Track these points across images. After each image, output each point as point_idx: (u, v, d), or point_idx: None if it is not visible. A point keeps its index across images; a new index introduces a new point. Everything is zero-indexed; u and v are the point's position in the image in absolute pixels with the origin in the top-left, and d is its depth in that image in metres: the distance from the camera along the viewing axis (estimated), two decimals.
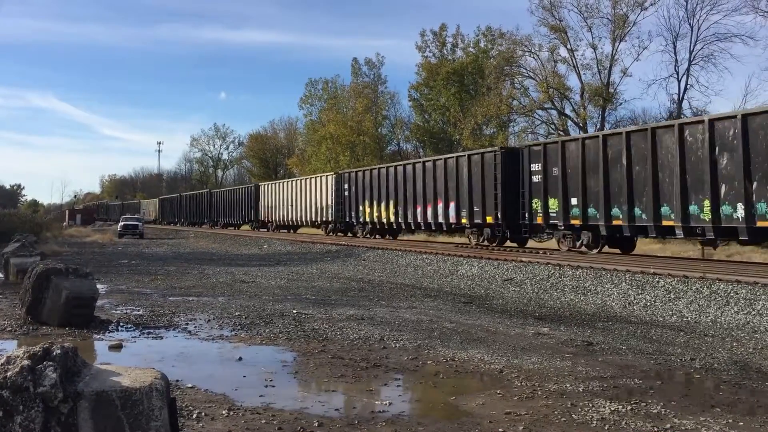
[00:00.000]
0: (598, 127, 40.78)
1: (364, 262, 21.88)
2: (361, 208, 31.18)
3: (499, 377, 6.85)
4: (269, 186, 44.17)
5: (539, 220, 20.44)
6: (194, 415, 5.32)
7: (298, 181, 39.12)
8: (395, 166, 28.64)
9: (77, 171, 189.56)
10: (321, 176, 36.49)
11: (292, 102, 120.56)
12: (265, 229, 43.75)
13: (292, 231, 41.18)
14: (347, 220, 32.75)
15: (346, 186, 32.63)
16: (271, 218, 42.60)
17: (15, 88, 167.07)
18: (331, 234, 34.53)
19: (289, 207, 39.43)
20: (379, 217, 29.38)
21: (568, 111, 44.43)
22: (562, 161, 19.21)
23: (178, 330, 9.45)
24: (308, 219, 37.09)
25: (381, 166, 30.92)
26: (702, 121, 15.61)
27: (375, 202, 29.80)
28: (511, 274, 16.63)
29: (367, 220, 30.64)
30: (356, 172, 32.64)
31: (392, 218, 28.25)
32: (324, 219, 35.10)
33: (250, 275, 18.01)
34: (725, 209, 14.75)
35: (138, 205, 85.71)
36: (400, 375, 6.97)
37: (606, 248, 19.28)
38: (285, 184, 41.13)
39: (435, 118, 53.14)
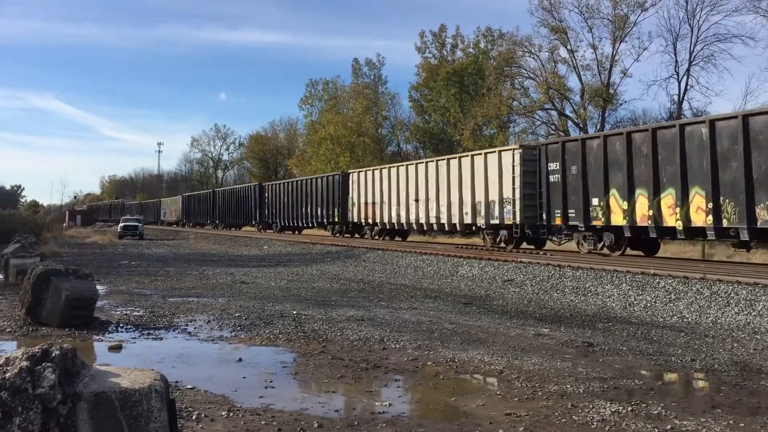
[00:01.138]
0: (598, 128, 40.81)
1: (364, 263, 21.88)
2: (596, 202, 18.18)
3: (500, 378, 6.84)
4: (369, 174, 31.22)
5: None
6: (194, 416, 5.30)
7: (432, 164, 26.11)
8: (713, 121, 15.18)
9: (77, 172, 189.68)
10: (489, 153, 23.13)
11: (292, 103, 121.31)
12: (349, 234, 33.91)
13: (398, 238, 30.79)
14: (555, 222, 19.75)
15: (553, 165, 19.66)
16: (372, 219, 30.63)
17: (15, 89, 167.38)
18: (503, 247, 21.94)
19: (411, 204, 27.03)
20: (657, 217, 16.41)
21: (568, 111, 44.48)
22: None
23: (178, 331, 9.43)
24: (448, 220, 24.60)
25: (664, 125, 17.56)
26: None
27: (642, 191, 16.85)
28: (512, 275, 16.62)
29: (616, 221, 17.60)
30: (585, 139, 19.22)
31: (705, 219, 15.16)
32: (492, 221, 22.15)
33: (250, 276, 18.00)
34: None
35: (158, 204, 78.27)
36: (400, 376, 6.96)
37: None
38: (402, 169, 28.21)
39: (435, 119, 53.14)
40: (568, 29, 42.13)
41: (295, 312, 11.08)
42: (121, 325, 9.78)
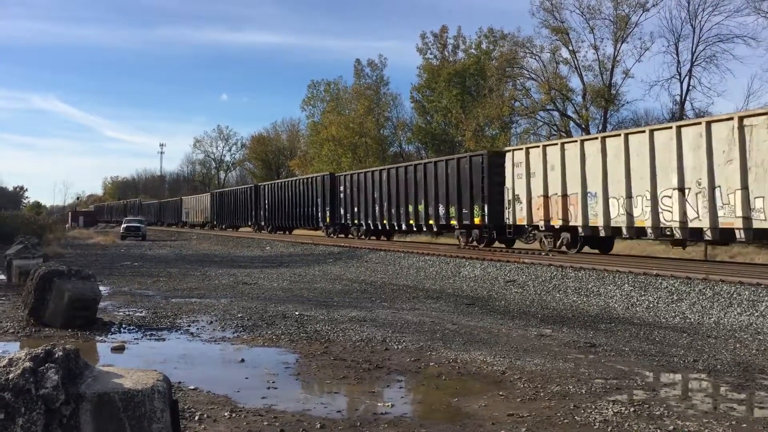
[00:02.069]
0: (600, 129, 40.77)
1: (366, 263, 21.88)
2: None
3: (502, 379, 6.84)
4: (553, 151, 20.06)
5: None
6: (196, 417, 5.31)
7: (721, 127, 15.14)
8: None
9: (80, 173, 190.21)
10: None
11: (294, 103, 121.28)
12: (492, 244, 23.41)
13: (588, 248, 20.20)
14: None
15: None
16: (562, 219, 19.58)
17: (17, 90, 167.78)
18: None
19: (662, 194, 16.60)
20: None
21: (570, 112, 44.42)
22: None
23: (181, 332, 9.45)
24: None
25: None
26: None
27: None
28: (514, 275, 16.61)
29: None
30: None
31: None
32: None
33: (253, 277, 18.01)
34: None
35: (179, 204, 69.58)
36: (402, 377, 6.96)
37: None
38: (639, 139, 17.46)
39: (437, 120, 53.12)
40: (569, 30, 42.10)
41: (297, 313, 11.09)
42: (123, 325, 9.80)
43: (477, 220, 23.17)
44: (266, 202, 45.16)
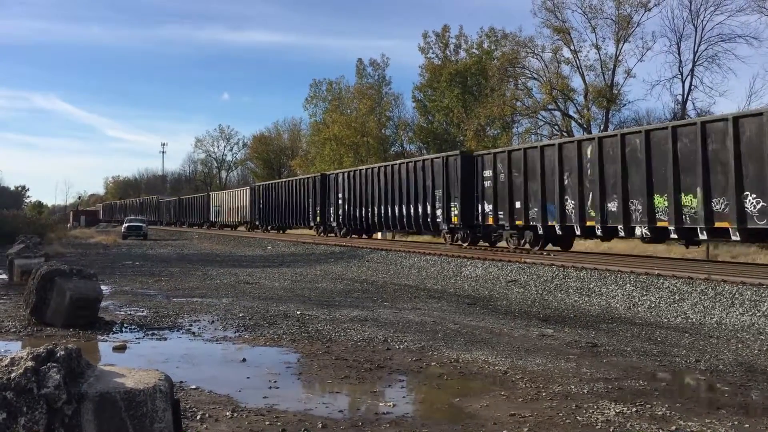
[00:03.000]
0: (601, 129, 40.73)
1: (367, 263, 21.87)
2: None
3: (504, 379, 6.83)
4: None
5: None
6: (198, 417, 5.31)
7: None
8: None
9: (81, 172, 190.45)
10: None
11: (295, 103, 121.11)
12: None
13: None
14: None
15: None
16: None
17: (18, 90, 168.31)
18: None
19: None
20: None
21: (571, 112, 44.38)
22: None
23: (182, 331, 9.45)
24: None
25: None
26: None
27: None
28: (515, 275, 16.60)
29: None
30: None
31: None
32: None
33: (254, 276, 18.01)
34: None
35: (205, 200, 59.61)
36: (403, 376, 6.96)
37: None
38: None
39: (438, 119, 53.09)
40: (571, 29, 42.01)
41: (299, 312, 11.09)
42: (125, 325, 9.80)
43: None
44: (340, 196, 33.92)
